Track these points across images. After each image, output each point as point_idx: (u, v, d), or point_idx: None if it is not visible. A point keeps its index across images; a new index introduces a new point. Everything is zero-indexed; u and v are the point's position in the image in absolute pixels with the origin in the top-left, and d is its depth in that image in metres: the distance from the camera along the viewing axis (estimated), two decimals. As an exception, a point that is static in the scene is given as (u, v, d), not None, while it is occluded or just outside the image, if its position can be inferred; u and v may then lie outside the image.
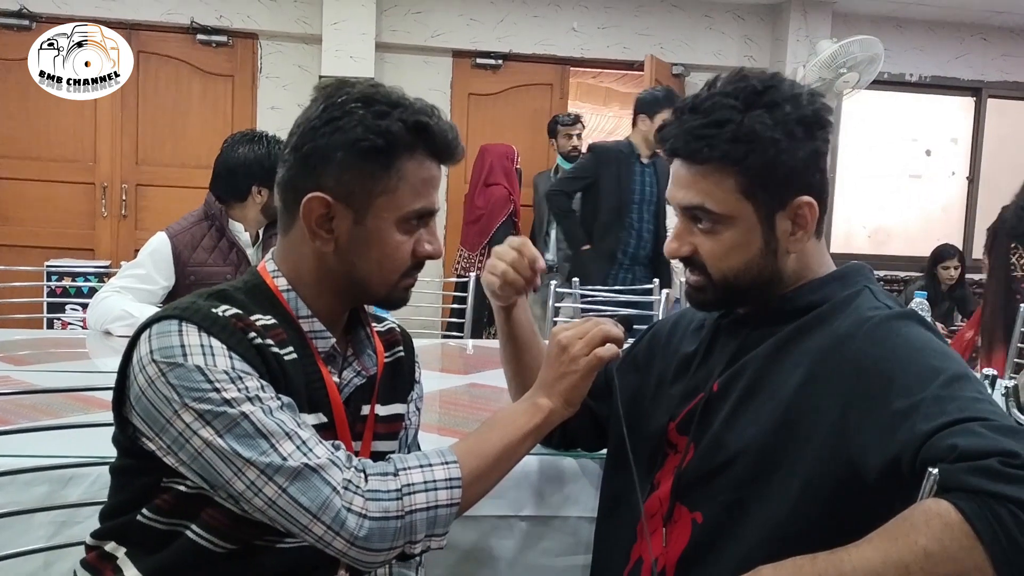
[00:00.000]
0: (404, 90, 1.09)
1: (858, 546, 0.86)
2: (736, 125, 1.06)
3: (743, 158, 1.06)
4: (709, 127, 1.07)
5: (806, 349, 1.07)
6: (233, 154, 2.44)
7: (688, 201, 1.11)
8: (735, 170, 1.07)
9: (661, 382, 1.26)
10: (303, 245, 1.08)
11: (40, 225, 5.29)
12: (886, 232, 6.50)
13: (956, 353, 1.01)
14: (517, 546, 1.44)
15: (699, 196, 1.09)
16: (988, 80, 6.30)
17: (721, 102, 1.08)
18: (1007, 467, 0.81)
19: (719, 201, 1.08)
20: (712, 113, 1.08)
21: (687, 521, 1.11)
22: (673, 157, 1.12)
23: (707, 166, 1.08)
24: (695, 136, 1.08)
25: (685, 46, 5.86)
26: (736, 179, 1.07)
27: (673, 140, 1.10)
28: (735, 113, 1.06)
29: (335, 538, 0.95)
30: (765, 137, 1.05)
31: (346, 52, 5.24)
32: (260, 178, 2.40)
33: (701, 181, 1.09)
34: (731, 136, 1.06)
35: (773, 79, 1.10)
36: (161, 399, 0.96)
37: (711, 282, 1.13)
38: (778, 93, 1.08)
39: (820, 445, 1.00)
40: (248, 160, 2.43)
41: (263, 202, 2.43)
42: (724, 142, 1.06)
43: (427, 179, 1.08)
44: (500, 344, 1.40)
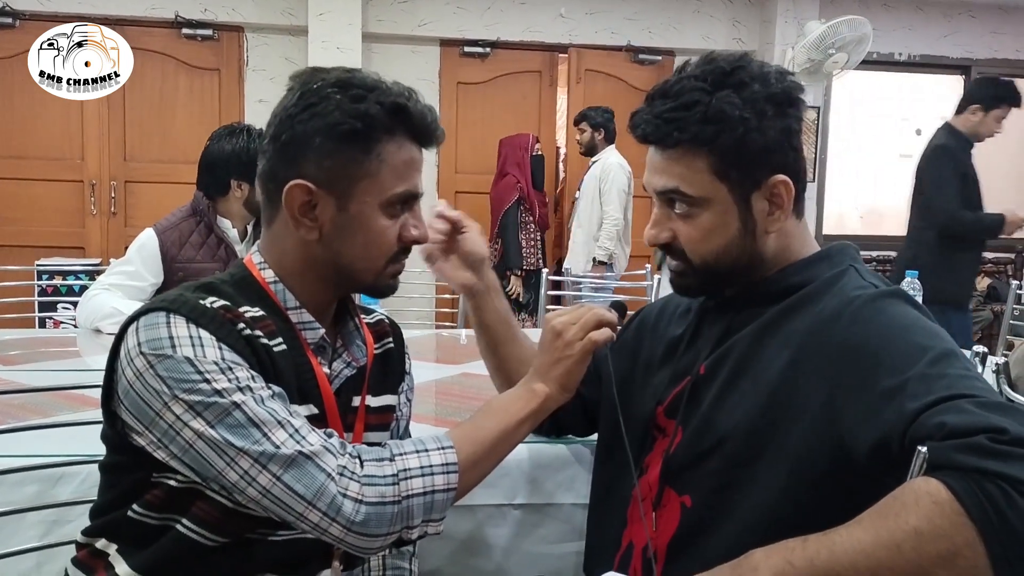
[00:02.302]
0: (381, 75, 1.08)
1: (849, 527, 0.86)
2: (704, 106, 1.06)
3: (713, 139, 1.06)
4: (678, 110, 1.07)
5: (792, 330, 1.07)
6: (213, 148, 2.44)
7: (663, 186, 1.11)
8: (706, 151, 1.07)
9: (648, 366, 1.26)
10: (287, 235, 1.08)
11: (29, 224, 5.27)
12: (878, 212, 6.51)
13: (943, 331, 1.01)
14: (511, 534, 1.44)
15: (673, 180, 1.10)
16: (977, 58, 6.30)
17: (689, 85, 1.08)
18: (995, 443, 0.81)
19: (693, 184, 1.09)
20: (681, 96, 1.08)
21: (676, 505, 1.11)
22: (645, 143, 1.13)
23: (678, 149, 1.08)
24: (665, 120, 1.08)
25: (673, 30, 5.85)
26: (708, 160, 1.07)
27: (644, 126, 1.11)
28: (703, 95, 1.07)
29: (331, 524, 0.94)
30: (734, 116, 1.05)
31: (333, 43, 5.21)
32: (239, 172, 2.38)
33: (674, 165, 1.09)
34: (700, 118, 1.06)
35: (741, 60, 1.10)
36: (150, 392, 0.95)
37: (691, 267, 1.13)
38: (746, 73, 1.08)
39: (808, 426, 1.00)
40: (226, 154, 2.41)
41: (243, 196, 2.41)
42: (693, 124, 1.06)
43: (408, 161, 1.07)
44: (475, 335, 1.41)
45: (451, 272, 1.33)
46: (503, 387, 1.36)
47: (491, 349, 1.39)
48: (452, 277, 1.34)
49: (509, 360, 1.36)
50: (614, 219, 4.73)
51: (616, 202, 4.73)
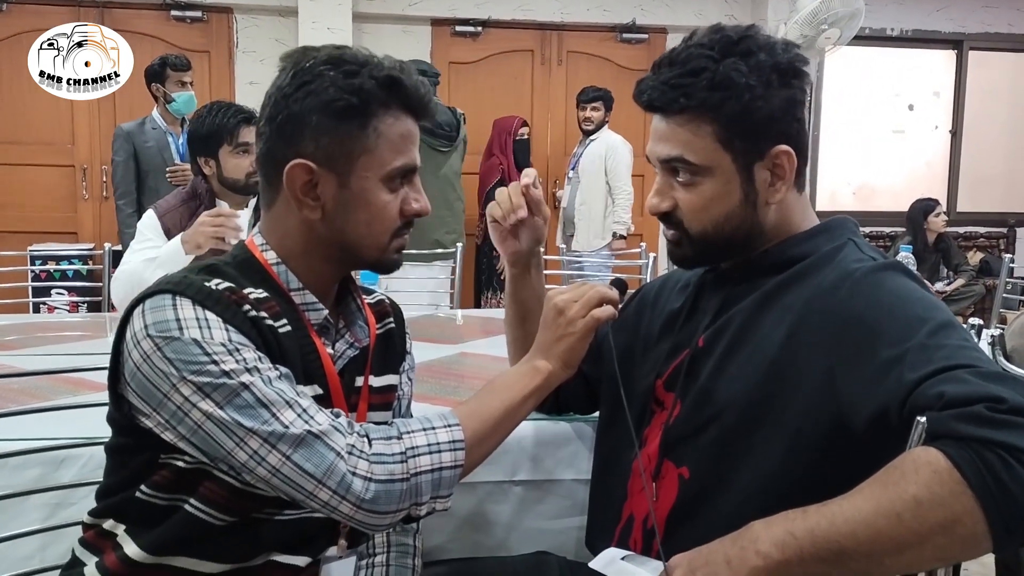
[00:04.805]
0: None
1: (848, 497, 0.87)
2: (712, 73, 1.06)
3: (719, 105, 1.06)
4: (685, 76, 1.08)
5: (791, 303, 1.08)
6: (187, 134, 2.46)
7: (667, 153, 1.11)
8: (712, 117, 1.07)
9: (648, 340, 1.27)
10: (289, 216, 1.08)
11: (21, 210, 5.23)
12: (871, 188, 6.51)
13: (941, 302, 1.02)
14: (513, 510, 1.45)
15: (678, 147, 1.10)
16: (969, 32, 6.28)
17: (696, 52, 1.08)
18: (994, 412, 0.82)
19: (697, 151, 1.09)
20: (688, 63, 1.08)
21: (674, 477, 1.12)
22: (650, 111, 1.13)
23: (684, 115, 1.08)
24: (671, 86, 1.08)
25: (666, 7, 5.82)
26: (713, 127, 1.08)
27: (650, 92, 1.11)
28: (710, 62, 1.07)
29: (341, 502, 0.95)
30: (740, 84, 1.06)
31: (323, 24, 5.16)
32: (200, 149, 2.37)
33: (679, 132, 1.09)
34: (707, 84, 1.06)
35: (749, 30, 1.11)
36: (158, 374, 0.95)
37: (688, 237, 1.14)
38: (753, 42, 1.08)
39: (807, 398, 1.01)
40: (189, 134, 2.44)
41: (213, 172, 2.38)
42: (700, 90, 1.07)
43: (405, 134, 1.07)
44: (505, 305, 1.41)
45: (507, 240, 1.34)
46: (517, 358, 1.36)
47: (518, 321, 1.40)
48: (507, 245, 1.34)
49: (532, 336, 1.36)
50: (628, 192, 4.91)
51: (626, 176, 4.91)
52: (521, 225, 1.31)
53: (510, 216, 1.29)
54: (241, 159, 2.31)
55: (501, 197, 1.31)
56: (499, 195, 1.31)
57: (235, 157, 2.31)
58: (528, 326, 1.37)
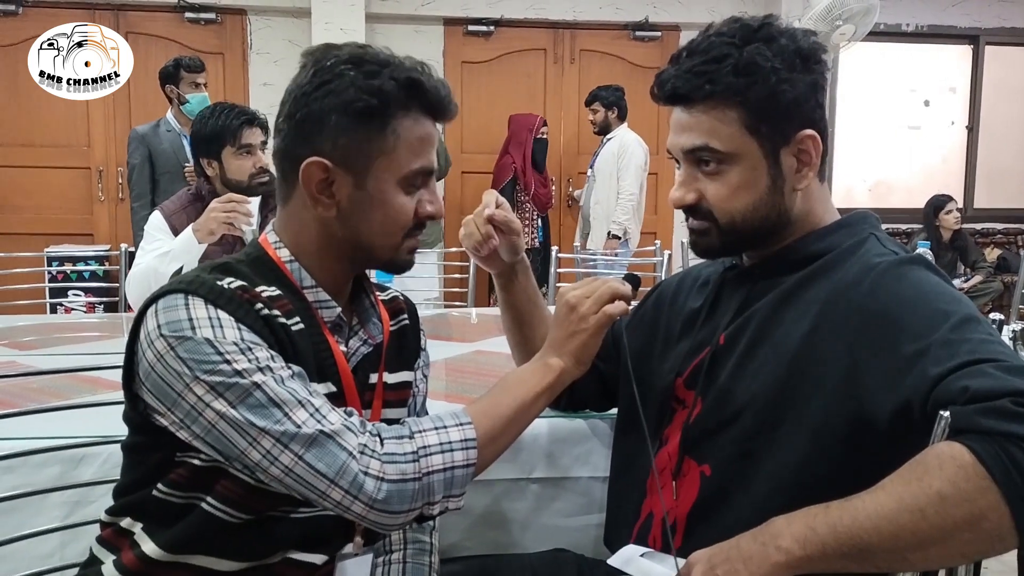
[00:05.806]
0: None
1: (872, 493, 0.86)
2: (735, 59, 1.06)
3: (745, 90, 1.06)
4: (709, 63, 1.07)
5: (812, 298, 1.07)
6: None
7: (692, 143, 1.10)
8: (738, 103, 1.06)
9: (667, 340, 1.26)
10: (304, 213, 1.07)
11: (38, 212, 5.28)
12: (887, 185, 6.47)
13: (964, 296, 1.01)
14: (530, 508, 1.45)
15: (703, 136, 1.09)
16: (985, 27, 6.24)
17: (718, 41, 1.08)
18: (1019, 406, 0.81)
19: (724, 138, 1.08)
20: (710, 51, 1.08)
21: (696, 474, 1.12)
22: (672, 102, 1.12)
23: (709, 102, 1.07)
24: (695, 74, 1.07)
25: (679, 4, 5.80)
26: (739, 113, 1.07)
27: (672, 80, 1.10)
28: (733, 49, 1.06)
29: (354, 502, 0.95)
30: (766, 67, 1.05)
31: (336, 24, 5.18)
32: (203, 151, 2.37)
33: (704, 120, 1.08)
34: (732, 69, 1.06)
35: (767, 18, 1.11)
36: (171, 373, 0.96)
37: (717, 226, 1.12)
38: (774, 28, 1.08)
39: (829, 393, 1.00)
40: (192, 136, 2.43)
41: (216, 174, 2.38)
42: (726, 75, 1.06)
43: (423, 137, 1.07)
44: (501, 313, 1.41)
45: (486, 260, 1.34)
46: (521, 362, 1.36)
47: (516, 326, 1.40)
48: (488, 264, 1.35)
49: (534, 340, 1.36)
50: (630, 194, 4.79)
51: (633, 177, 4.79)
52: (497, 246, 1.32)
53: (483, 248, 1.30)
54: (244, 160, 2.31)
55: (469, 230, 1.30)
56: (465, 227, 1.31)
57: (238, 158, 2.31)
58: (526, 330, 1.38)
